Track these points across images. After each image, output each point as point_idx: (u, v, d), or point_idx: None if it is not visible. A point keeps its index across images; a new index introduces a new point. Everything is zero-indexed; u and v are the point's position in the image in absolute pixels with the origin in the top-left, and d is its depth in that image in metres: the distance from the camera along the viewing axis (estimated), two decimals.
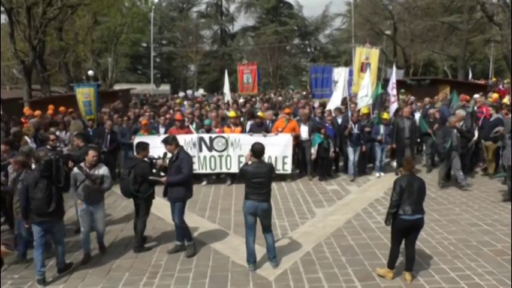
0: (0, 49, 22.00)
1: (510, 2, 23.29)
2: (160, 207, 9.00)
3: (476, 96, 16.32)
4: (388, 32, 39.56)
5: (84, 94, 14.52)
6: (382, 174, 12.35)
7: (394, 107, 13.49)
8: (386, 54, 42.04)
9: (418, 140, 13.53)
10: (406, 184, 6.16)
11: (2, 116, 14.69)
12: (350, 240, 7.89)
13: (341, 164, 13.18)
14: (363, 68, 15.51)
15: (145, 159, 7.54)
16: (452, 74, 43.73)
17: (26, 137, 10.80)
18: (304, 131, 12.15)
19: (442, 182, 11.06)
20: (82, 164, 7.08)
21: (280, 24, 57.92)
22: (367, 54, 15.76)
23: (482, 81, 30.39)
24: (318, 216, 9.28)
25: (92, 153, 7.12)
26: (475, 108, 12.87)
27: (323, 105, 15.57)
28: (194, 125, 12.45)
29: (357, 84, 15.08)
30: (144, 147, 7.60)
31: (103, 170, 7.18)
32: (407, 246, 6.32)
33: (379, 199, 10.33)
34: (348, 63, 39.52)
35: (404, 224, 6.15)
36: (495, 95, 16.16)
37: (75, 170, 7.03)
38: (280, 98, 25.00)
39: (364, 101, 13.15)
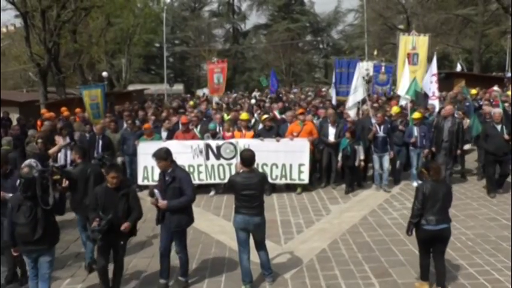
0: (0, 50, 22.26)
1: None
2: None
3: (495, 89, 15.87)
4: (401, 27, 39.17)
5: (91, 96, 13.86)
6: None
7: (435, 103, 11.64)
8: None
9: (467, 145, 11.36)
10: (430, 191, 5.59)
11: (18, 119, 14.92)
12: (366, 236, 7.84)
13: (370, 173, 11.45)
14: (410, 59, 13.82)
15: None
16: (467, 67, 43.14)
17: (58, 137, 10.70)
18: (331, 134, 10.73)
19: None
20: None
21: (292, 21, 57.79)
22: (413, 43, 13.90)
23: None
24: (333, 213, 9.24)
25: None
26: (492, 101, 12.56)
27: (338, 104, 14.06)
28: (198, 129, 11.52)
29: (400, 79, 13.23)
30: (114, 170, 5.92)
31: None
32: (435, 258, 5.81)
33: (395, 195, 10.24)
34: (362, 59, 39.21)
35: (427, 235, 5.66)
36: None
37: None
38: (292, 96, 23.52)
39: (404, 97, 11.75)
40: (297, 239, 7.87)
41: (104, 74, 30.03)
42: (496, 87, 16.62)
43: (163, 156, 6.00)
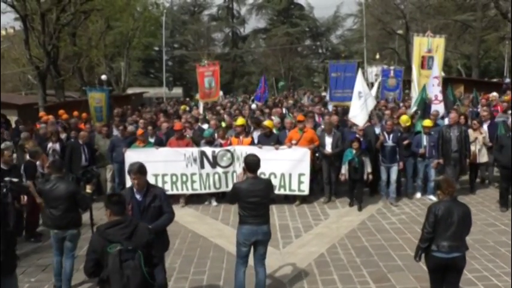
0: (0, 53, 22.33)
1: None
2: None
3: (494, 94, 15.88)
4: (400, 32, 39.31)
5: (95, 99, 14.04)
6: (432, 197, 9.54)
7: (439, 108, 10.98)
8: (399, 53, 41.83)
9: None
10: (444, 213, 4.87)
11: (16, 121, 14.91)
12: (364, 241, 7.83)
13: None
14: (424, 63, 13.26)
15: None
16: (466, 73, 43.29)
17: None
18: (328, 144, 9.97)
19: None
20: None
21: (291, 26, 57.86)
22: (429, 45, 13.16)
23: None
24: (331, 217, 9.23)
25: None
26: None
27: (342, 111, 13.32)
28: (191, 135, 11.09)
29: (418, 84, 12.59)
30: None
31: None
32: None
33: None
34: (360, 64, 39.28)
35: (438, 262, 4.96)
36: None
37: None
38: (291, 102, 23.47)
39: (412, 107, 11.02)
40: (295, 244, 7.86)
41: (103, 77, 30.07)
42: (494, 93, 16.66)
43: (144, 171, 5.18)
